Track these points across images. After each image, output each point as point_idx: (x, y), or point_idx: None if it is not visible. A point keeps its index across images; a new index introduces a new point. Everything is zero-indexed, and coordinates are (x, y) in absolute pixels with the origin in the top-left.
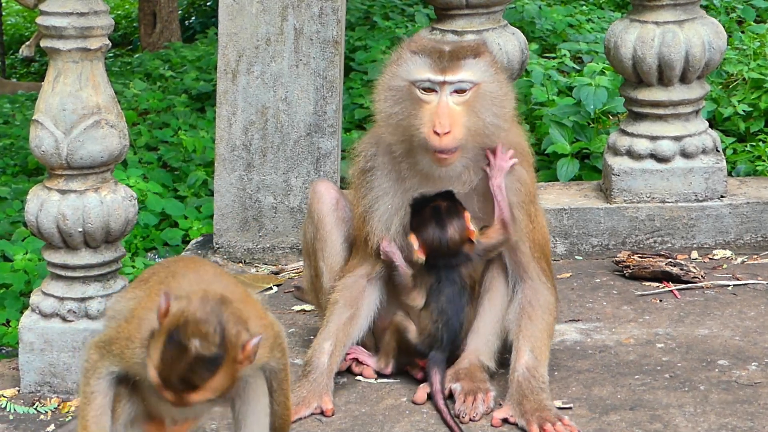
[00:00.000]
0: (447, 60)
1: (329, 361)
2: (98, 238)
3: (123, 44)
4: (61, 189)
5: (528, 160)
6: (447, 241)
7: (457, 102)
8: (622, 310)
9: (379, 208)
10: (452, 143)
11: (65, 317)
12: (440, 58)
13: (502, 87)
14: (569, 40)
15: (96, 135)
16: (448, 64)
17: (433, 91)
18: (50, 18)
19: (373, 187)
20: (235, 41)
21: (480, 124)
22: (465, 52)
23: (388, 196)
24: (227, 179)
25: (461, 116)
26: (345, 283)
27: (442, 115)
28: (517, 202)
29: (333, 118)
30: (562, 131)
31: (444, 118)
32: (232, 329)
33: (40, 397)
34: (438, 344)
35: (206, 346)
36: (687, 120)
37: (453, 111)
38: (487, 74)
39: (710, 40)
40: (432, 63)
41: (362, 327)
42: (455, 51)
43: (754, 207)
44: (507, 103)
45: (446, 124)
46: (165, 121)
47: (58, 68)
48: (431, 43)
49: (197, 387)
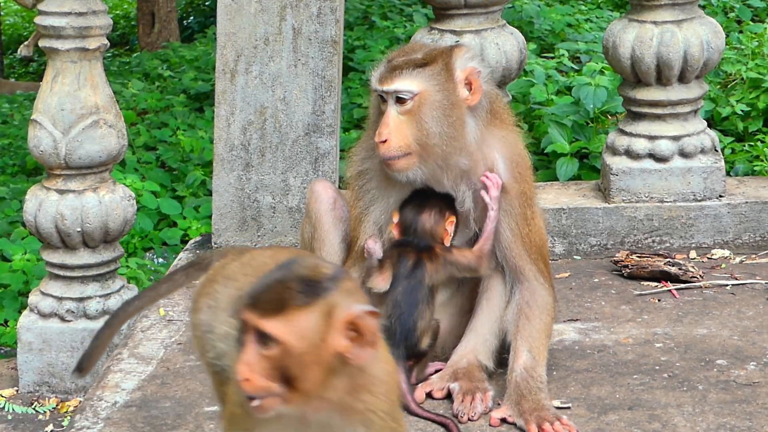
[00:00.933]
0: (388, 70)
1: None
2: (97, 238)
3: (121, 44)
4: (60, 189)
5: (523, 163)
6: (418, 224)
7: (401, 111)
8: (621, 309)
9: (373, 211)
10: (389, 152)
11: (64, 317)
12: (386, 69)
13: (451, 94)
14: (568, 39)
15: (94, 135)
16: (387, 74)
17: (385, 101)
18: (48, 18)
19: (368, 190)
20: (233, 41)
21: (425, 133)
22: (408, 64)
23: (381, 198)
24: (226, 179)
25: (403, 125)
26: None
27: (382, 123)
28: (507, 209)
29: (331, 118)
30: (561, 131)
31: (383, 127)
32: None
33: (38, 397)
34: (392, 339)
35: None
36: (685, 120)
37: (394, 120)
38: (432, 83)
39: (708, 40)
40: (381, 73)
41: None
42: (400, 62)
43: (753, 207)
44: (455, 111)
45: (383, 133)
46: (163, 121)
47: (57, 68)
48: (394, 55)
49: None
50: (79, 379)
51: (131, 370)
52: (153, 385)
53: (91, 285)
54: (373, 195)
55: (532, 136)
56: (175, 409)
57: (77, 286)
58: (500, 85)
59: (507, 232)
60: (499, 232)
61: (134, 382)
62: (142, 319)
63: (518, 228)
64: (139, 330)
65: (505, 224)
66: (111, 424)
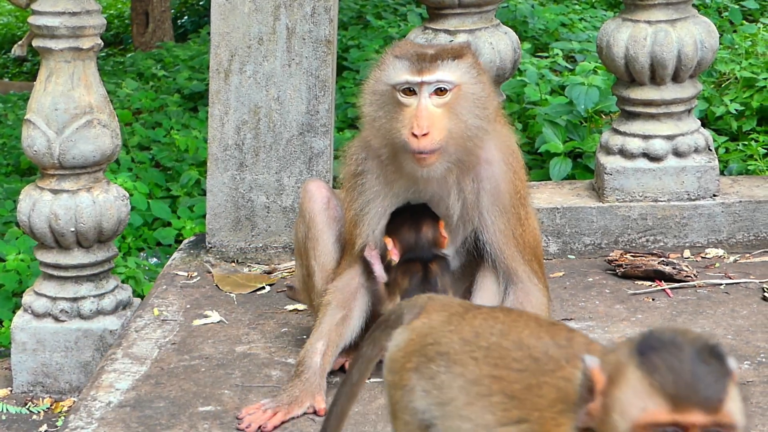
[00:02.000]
0: (426, 61)
1: (322, 361)
2: (90, 238)
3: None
4: (54, 189)
5: (517, 163)
6: (422, 239)
7: (437, 104)
8: (615, 309)
9: (369, 211)
10: (431, 145)
11: (58, 317)
12: (419, 59)
13: (485, 89)
14: (562, 39)
15: (88, 135)
16: (426, 65)
17: (413, 93)
18: (42, 17)
19: (363, 191)
20: (227, 41)
21: (462, 126)
22: (445, 54)
23: (378, 199)
24: (220, 179)
25: (441, 118)
26: (336, 286)
27: (420, 117)
28: (501, 209)
29: (325, 118)
30: (555, 130)
31: (422, 120)
32: None
33: (32, 397)
34: None
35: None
36: (679, 119)
37: (432, 112)
38: (469, 75)
39: (702, 39)
40: (411, 65)
41: (355, 327)
42: (435, 53)
43: (747, 206)
44: (489, 105)
45: (424, 126)
46: (157, 121)
47: (50, 68)
48: (414, 47)
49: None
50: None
51: (125, 370)
52: (147, 385)
53: (85, 285)
54: (369, 196)
55: (527, 135)
56: (169, 409)
57: (71, 286)
58: (494, 85)
59: (499, 234)
60: (492, 232)
61: (128, 382)
62: (136, 319)
63: (511, 229)
64: (133, 330)
65: (499, 226)
66: (105, 424)
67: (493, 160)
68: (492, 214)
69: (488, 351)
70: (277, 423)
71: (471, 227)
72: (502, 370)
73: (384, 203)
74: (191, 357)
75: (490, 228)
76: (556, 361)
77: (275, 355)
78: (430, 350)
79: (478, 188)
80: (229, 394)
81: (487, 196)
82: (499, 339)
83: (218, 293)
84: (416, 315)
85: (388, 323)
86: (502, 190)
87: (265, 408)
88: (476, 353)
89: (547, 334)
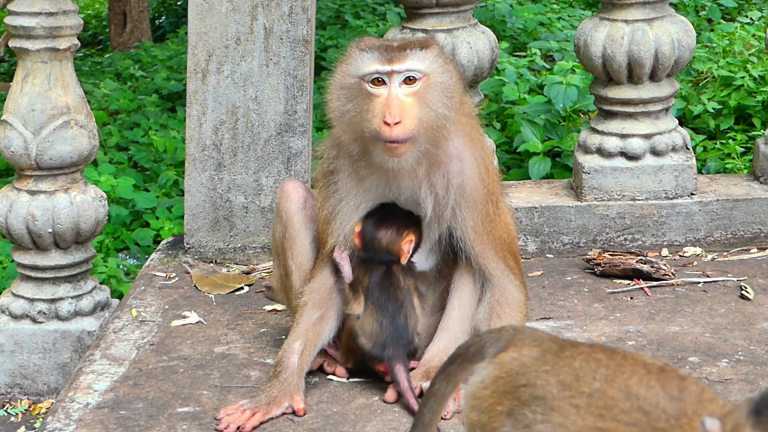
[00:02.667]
0: (394, 51)
1: (299, 361)
2: (68, 239)
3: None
4: (31, 190)
5: (487, 158)
6: (375, 240)
7: (407, 93)
8: (593, 307)
9: (341, 210)
10: (403, 133)
11: (35, 318)
12: (387, 50)
13: (452, 77)
14: (540, 38)
15: (65, 135)
16: (395, 54)
17: (382, 83)
18: (18, 18)
19: (336, 190)
20: (204, 41)
21: (431, 115)
22: (412, 44)
23: (349, 196)
24: (198, 179)
25: (412, 107)
26: (312, 286)
27: (392, 105)
28: (471, 204)
29: (303, 118)
30: (533, 129)
31: (394, 108)
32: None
33: (10, 399)
34: (390, 341)
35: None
36: (657, 118)
37: (403, 101)
38: (436, 65)
39: (679, 38)
40: (379, 55)
41: (332, 327)
42: (403, 44)
43: (724, 204)
44: (456, 94)
45: (396, 114)
46: (135, 121)
47: (27, 68)
48: (379, 40)
49: None
50: None
51: (103, 371)
52: (125, 386)
53: (63, 286)
54: (341, 195)
55: (505, 135)
56: (147, 410)
57: (49, 288)
58: (472, 84)
59: (470, 230)
60: (464, 228)
61: (106, 384)
62: (114, 320)
63: (482, 226)
64: (111, 331)
65: (469, 223)
66: (83, 425)
67: (463, 156)
68: (463, 210)
69: (591, 399)
70: (255, 423)
71: (445, 224)
72: (608, 423)
73: (356, 200)
74: (170, 358)
75: (461, 224)
76: (668, 418)
77: (254, 355)
78: (524, 393)
79: (447, 184)
80: (207, 394)
81: (456, 192)
82: (603, 385)
83: (197, 294)
84: (502, 348)
85: (466, 356)
86: (471, 186)
87: (243, 408)
88: (578, 400)
89: (657, 381)
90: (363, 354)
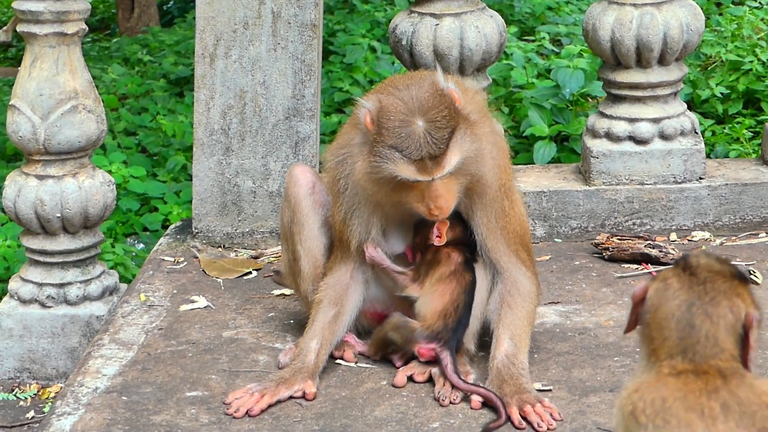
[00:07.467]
0: (428, 159)
1: (315, 360)
2: (76, 224)
3: (101, 29)
4: (39, 174)
5: (503, 156)
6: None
7: (447, 180)
8: (602, 292)
9: (359, 216)
10: (448, 211)
11: (44, 303)
12: (423, 163)
13: (480, 143)
14: (548, 22)
15: (73, 120)
16: (430, 164)
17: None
18: (26, 2)
19: (351, 196)
20: (212, 25)
21: (470, 177)
22: (443, 140)
23: (364, 208)
24: (206, 164)
25: (451, 184)
26: (328, 282)
27: (437, 198)
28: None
29: (311, 102)
30: (541, 114)
31: (438, 200)
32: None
33: (19, 384)
34: (453, 333)
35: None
36: (665, 102)
37: (446, 191)
38: (467, 141)
39: (688, 22)
40: (417, 170)
41: (347, 323)
42: (436, 150)
43: (733, 188)
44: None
45: (441, 205)
46: (144, 106)
47: (35, 53)
48: (405, 128)
49: None
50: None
51: (112, 356)
52: (134, 371)
53: (71, 271)
54: (354, 202)
55: (512, 119)
56: (156, 394)
57: (57, 272)
58: (480, 69)
59: (483, 226)
60: (477, 224)
61: (115, 368)
62: (122, 305)
63: (496, 222)
64: (119, 315)
65: (483, 218)
66: (92, 409)
67: (479, 157)
68: (477, 209)
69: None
70: (264, 406)
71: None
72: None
73: (375, 216)
74: (178, 342)
75: (476, 221)
76: None
77: (262, 340)
78: (642, 417)
79: (464, 187)
80: (216, 379)
81: (472, 193)
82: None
83: (205, 278)
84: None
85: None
86: (486, 184)
87: (252, 391)
88: (698, 428)
89: None
90: (413, 341)
